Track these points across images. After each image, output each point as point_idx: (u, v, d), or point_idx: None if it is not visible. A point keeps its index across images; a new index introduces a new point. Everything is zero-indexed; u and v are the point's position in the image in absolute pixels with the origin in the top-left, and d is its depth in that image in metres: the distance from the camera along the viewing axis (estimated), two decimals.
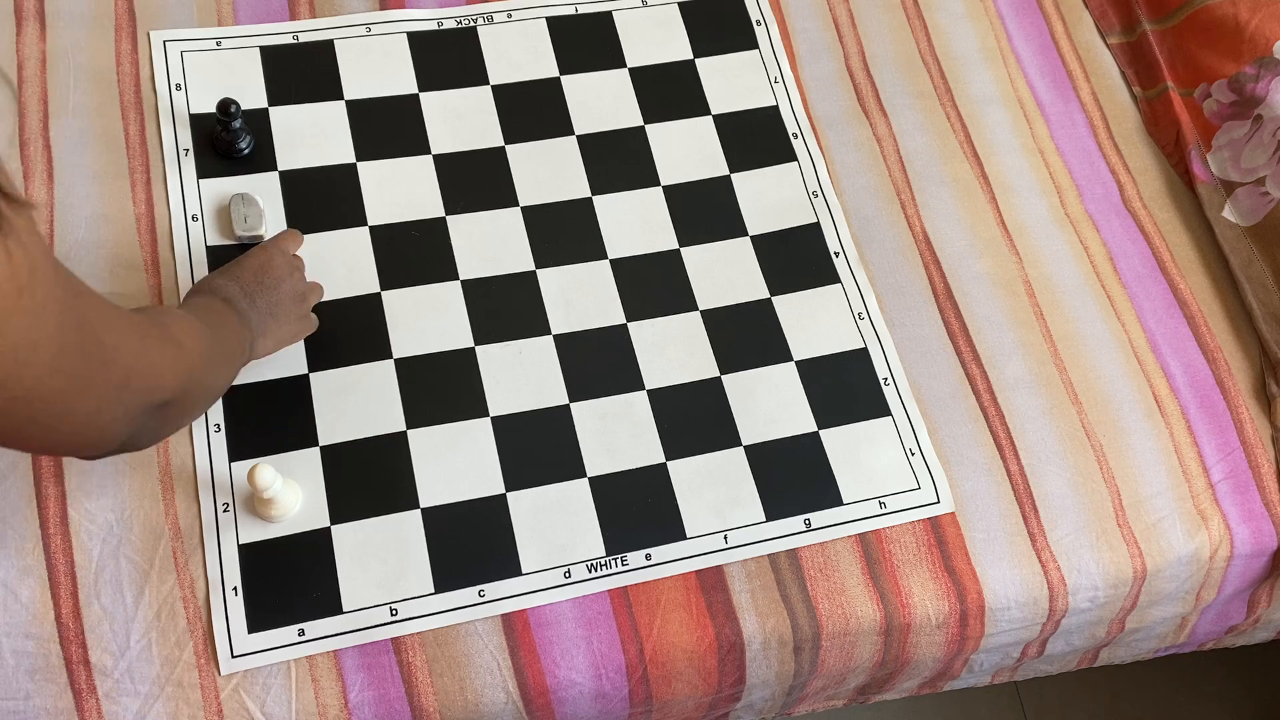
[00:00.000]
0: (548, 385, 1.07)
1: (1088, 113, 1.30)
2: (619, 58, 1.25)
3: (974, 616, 1.03)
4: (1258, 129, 1.20)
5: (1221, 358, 1.15)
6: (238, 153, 1.12)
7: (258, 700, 0.91)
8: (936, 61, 1.30)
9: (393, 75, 1.20)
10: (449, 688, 0.94)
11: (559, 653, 0.96)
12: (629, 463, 1.04)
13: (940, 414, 1.10)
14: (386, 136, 1.16)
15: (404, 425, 1.03)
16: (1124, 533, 1.06)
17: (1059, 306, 1.16)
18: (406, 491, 1.00)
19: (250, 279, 0.95)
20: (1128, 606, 1.08)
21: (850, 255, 1.17)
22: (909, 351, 1.12)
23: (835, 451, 1.07)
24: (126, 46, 1.16)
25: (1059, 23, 1.35)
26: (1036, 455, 1.08)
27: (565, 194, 1.17)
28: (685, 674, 0.99)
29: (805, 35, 1.29)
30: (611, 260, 1.14)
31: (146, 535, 0.95)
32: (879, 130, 1.24)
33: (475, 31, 1.24)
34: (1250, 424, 1.12)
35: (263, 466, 0.93)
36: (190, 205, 1.10)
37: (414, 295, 1.09)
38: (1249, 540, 1.08)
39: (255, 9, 1.21)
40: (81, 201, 1.08)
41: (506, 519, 1.00)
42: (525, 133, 1.19)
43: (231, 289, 0.93)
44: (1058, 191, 1.24)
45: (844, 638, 1.01)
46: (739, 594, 1.00)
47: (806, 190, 1.20)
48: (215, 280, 0.94)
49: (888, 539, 1.04)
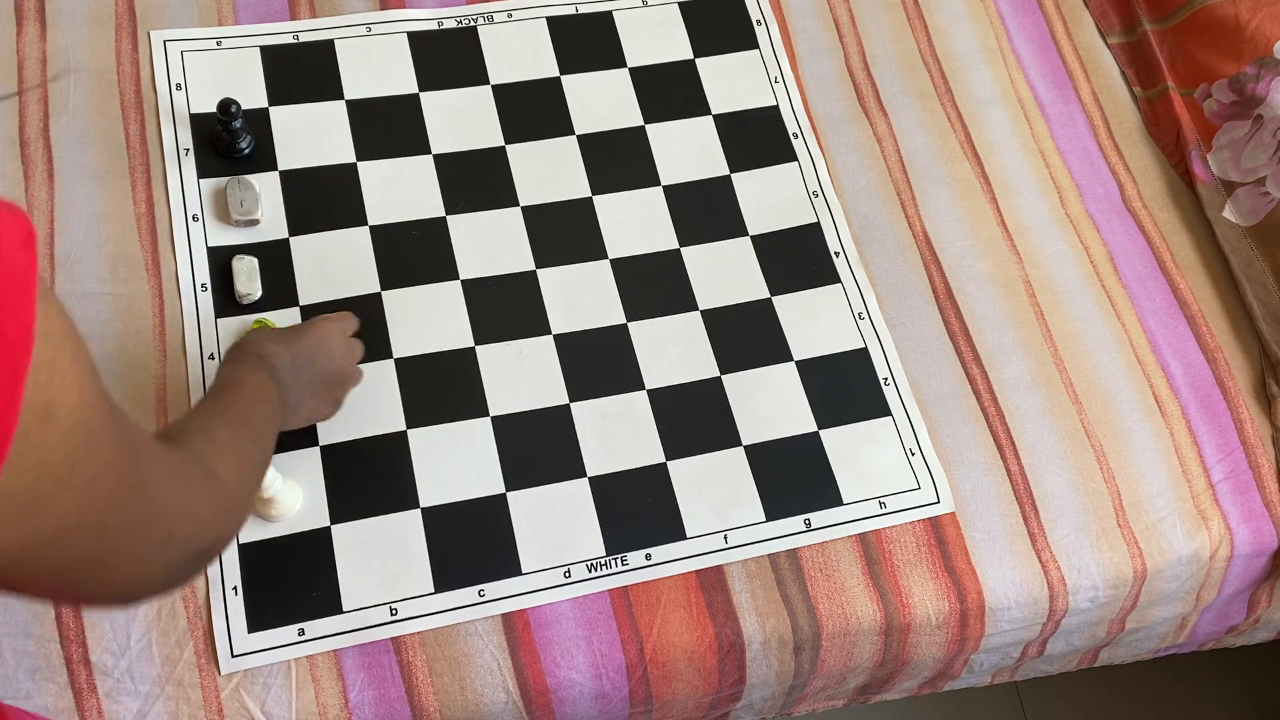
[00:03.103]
0: (548, 385, 1.07)
1: (1088, 113, 1.30)
2: (619, 57, 1.25)
3: (974, 616, 1.03)
4: (1258, 129, 1.20)
5: (1222, 358, 1.15)
6: (238, 152, 1.12)
7: (258, 700, 0.91)
8: (937, 61, 1.30)
9: (393, 75, 1.20)
10: (449, 687, 0.94)
11: (559, 652, 0.96)
12: (629, 463, 1.04)
13: (940, 414, 1.10)
14: (387, 136, 1.16)
15: (404, 425, 1.03)
16: (1124, 533, 1.06)
17: (1059, 306, 1.16)
18: (406, 491, 1.00)
19: (303, 352, 0.92)
20: (1128, 606, 1.08)
21: (850, 255, 1.17)
22: (909, 351, 1.12)
23: (835, 451, 1.07)
24: (127, 46, 1.16)
25: (1059, 23, 1.35)
26: (1037, 455, 1.08)
27: (565, 194, 1.17)
28: (685, 674, 0.99)
29: (805, 35, 1.29)
30: (612, 260, 1.14)
31: None
32: (879, 130, 1.24)
33: (475, 31, 1.24)
34: (1250, 424, 1.12)
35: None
36: (190, 205, 1.10)
37: (414, 295, 1.09)
38: (1249, 540, 1.08)
39: (255, 9, 1.21)
40: (82, 201, 1.08)
41: (506, 519, 1.00)
42: (525, 132, 1.19)
43: (281, 359, 0.89)
44: (1058, 191, 1.24)
45: (844, 638, 1.01)
46: (739, 594, 1.00)
47: (807, 190, 1.20)
48: (268, 346, 0.89)
49: (888, 539, 1.04)
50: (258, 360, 0.87)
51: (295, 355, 0.90)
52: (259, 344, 0.89)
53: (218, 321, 1.05)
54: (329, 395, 0.96)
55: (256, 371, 0.86)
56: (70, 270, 1.05)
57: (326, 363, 0.93)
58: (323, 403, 0.95)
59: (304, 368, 0.91)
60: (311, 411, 0.95)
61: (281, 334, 0.93)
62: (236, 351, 0.89)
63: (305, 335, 0.93)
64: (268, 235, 1.10)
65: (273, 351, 0.89)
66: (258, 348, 0.89)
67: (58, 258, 1.05)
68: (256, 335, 0.92)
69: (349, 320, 0.99)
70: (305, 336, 0.93)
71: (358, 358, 0.98)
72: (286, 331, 0.94)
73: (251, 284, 1.06)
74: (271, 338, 0.91)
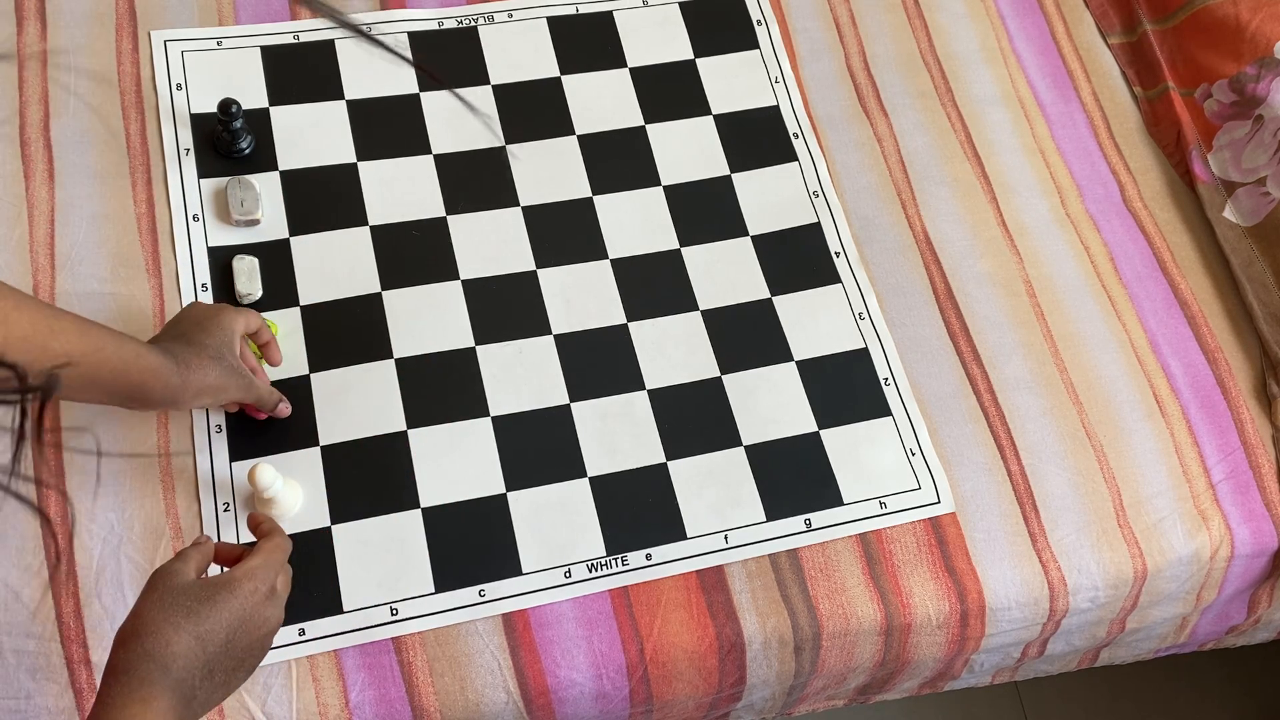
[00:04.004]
0: (548, 385, 1.07)
1: (1088, 113, 1.30)
2: (620, 58, 1.25)
3: (974, 616, 1.03)
4: (1258, 129, 1.20)
5: (1222, 358, 1.15)
6: (238, 152, 1.12)
7: (258, 700, 0.92)
8: (937, 61, 1.30)
9: (393, 75, 1.20)
10: (449, 687, 0.94)
11: (559, 652, 0.96)
12: (629, 462, 1.04)
13: (941, 414, 1.10)
14: (387, 136, 1.16)
15: (404, 425, 1.03)
16: (1124, 533, 1.06)
17: (1059, 306, 1.16)
18: (407, 491, 1.00)
19: (220, 635, 0.71)
20: (1128, 606, 1.08)
21: (851, 255, 1.17)
22: (909, 351, 1.12)
23: (836, 451, 1.07)
24: (127, 46, 1.16)
25: (1060, 23, 1.35)
26: (1037, 455, 1.08)
27: (566, 194, 1.17)
28: (686, 674, 0.99)
29: (806, 35, 1.29)
30: (612, 260, 1.14)
31: (147, 535, 0.95)
32: (879, 130, 1.24)
33: (476, 31, 1.24)
34: (1251, 424, 1.12)
35: (263, 466, 0.93)
36: (191, 205, 1.10)
37: (414, 295, 1.09)
38: (1249, 540, 1.08)
39: (256, 9, 1.21)
40: (82, 201, 1.08)
41: (507, 519, 1.00)
42: (526, 132, 1.19)
43: (188, 659, 0.69)
44: (1058, 191, 1.24)
45: (844, 638, 1.01)
46: (739, 594, 1.00)
47: (807, 190, 1.20)
48: (175, 641, 0.68)
49: (888, 539, 1.04)
50: (155, 683, 0.67)
51: (206, 645, 0.70)
52: (163, 640, 0.69)
53: None
54: (238, 678, 0.75)
55: (148, 707, 0.66)
56: (71, 270, 1.05)
57: (245, 638, 0.73)
58: (231, 686, 0.74)
59: (215, 658, 0.71)
60: (214, 704, 0.73)
61: (193, 610, 0.71)
62: (133, 648, 0.68)
63: (224, 608, 0.72)
64: (268, 235, 1.10)
65: (177, 651, 0.68)
66: (161, 647, 0.68)
67: (58, 258, 1.05)
68: (157, 617, 0.69)
69: (282, 565, 0.79)
70: (223, 610, 0.72)
71: (282, 604, 0.78)
72: (200, 604, 0.71)
73: (252, 284, 1.06)
74: (180, 621, 0.69)
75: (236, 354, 0.94)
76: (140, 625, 0.70)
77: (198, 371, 0.89)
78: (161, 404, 0.89)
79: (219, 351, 0.91)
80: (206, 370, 0.89)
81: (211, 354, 0.90)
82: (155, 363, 0.86)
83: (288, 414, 1.00)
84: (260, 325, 0.98)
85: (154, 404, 0.88)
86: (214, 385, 0.91)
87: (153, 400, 0.88)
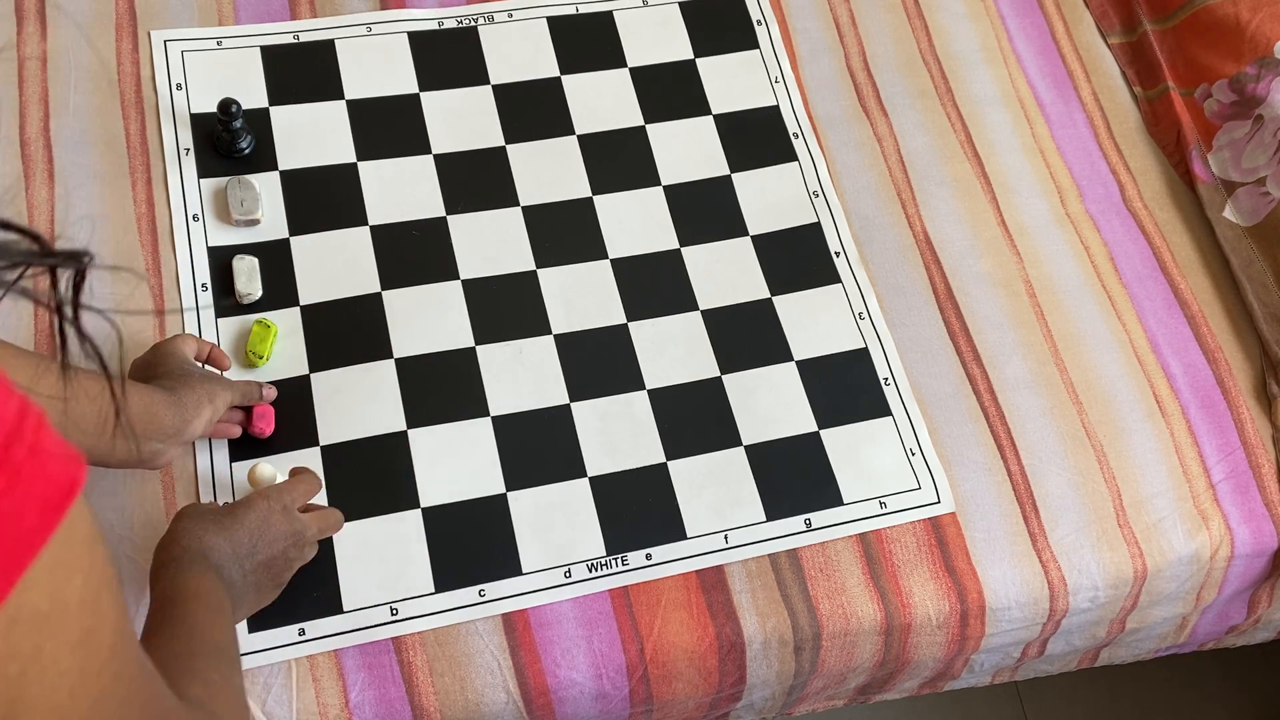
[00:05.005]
0: (548, 385, 1.07)
1: (1088, 113, 1.30)
2: (620, 57, 1.25)
3: (974, 616, 1.03)
4: (1258, 129, 1.20)
5: (1222, 358, 1.15)
6: (238, 152, 1.12)
7: (258, 700, 0.91)
8: (937, 61, 1.30)
9: (393, 75, 1.20)
10: (449, 687, 0.94)
11: (559, 652, 0.96)
12: (629, 462, 1.04)
13: (941, 414, 1.10)
14: (387, 136, 1.16)
15: (404, 425, 1.03)
16: (1124, 533, 1.06)
17: (1059, 306, 1.16)
18: (407, 491, 1.00)
19: (244, 541, 0.83)
20: (1128, 606, 1.08)
21: (851, 255, 1.17)
22: (909, 351, 1.12)
23: (835, 451, 1.07)
24: (127, 46, 1.16)
25: (1060, 22, 1.35)
26: (1037, 455, 1.08)
27: (566, 194, 1.17)
28: (686, 674, 0.99)
29: (806, 35, 1.29)
30: (612, 260, 1.14)
31: (148, 534, 0.95)
32: (879, 130, 1.24)
33: (476, 31, 1.24)
34: (1251, 424, 1.12)
35: (263, 466, 0.93)
36: (191, 205, 1.10)
37: (414, 295, 1.09)
38: (1249, 540, 1.08)
39: (256, 9, 1.21)
40: (82, 201, 1.08)
41: (507, 519, 1.00)
42: (526, 132, 1.19)
43: (223, 552, 0.81)
44: (1058, 191, 1.24)
45: (844, 638, 1.01)
46: (739, 594, 1.00)
47: (807, 190, 1.20)
48: (207, 539, 0.81)
49: (888, 539, 1.04)
50: (202, 561, 0.79)
51: (236, 547, 0.82)
52: (197, 538, 0.81)
53: (218, 321, 1.05)
54: (272, 582, 0.87)
55: (205, 575, 0.78)
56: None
57: (269, 549, 0.85)
58: (265, 591, 0.86)
59: (245, 558, 0.83)
60: (254, 604, 0.86)
61: (218, 520, 0.83)
62: (175, 549, 0.80)
63: (243, 520, 0.84)
64: (268, 235, 1.10)
65: (213, 545, 0.81)
66: (197, 543, 0.80)
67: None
68: (190, 527, 0.82)
69: (293, 490, 0.90)
70: (244, 521, 0.84)
71: (307, 536, 0.89)
72: (223, 517, 0.84)
73: (252, 284, 1.06)
74: (209, 527, 0.82)
75: (199, 366, 0.95)
76: (177, 533, 0.81)
77: (185, 389, 0.90)
78: (173, 428, 0.88)
79: (185, 368, 0.93)
80: (191, 384, 0.91)
81: (182, 371, 0.92)
82: (147, 391, 0.87)
83: (274, 396, 1.01)
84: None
85: (165, 429, 0.88)
86: (206, 392, 0.92)
87: (164, 426, 0.88)
